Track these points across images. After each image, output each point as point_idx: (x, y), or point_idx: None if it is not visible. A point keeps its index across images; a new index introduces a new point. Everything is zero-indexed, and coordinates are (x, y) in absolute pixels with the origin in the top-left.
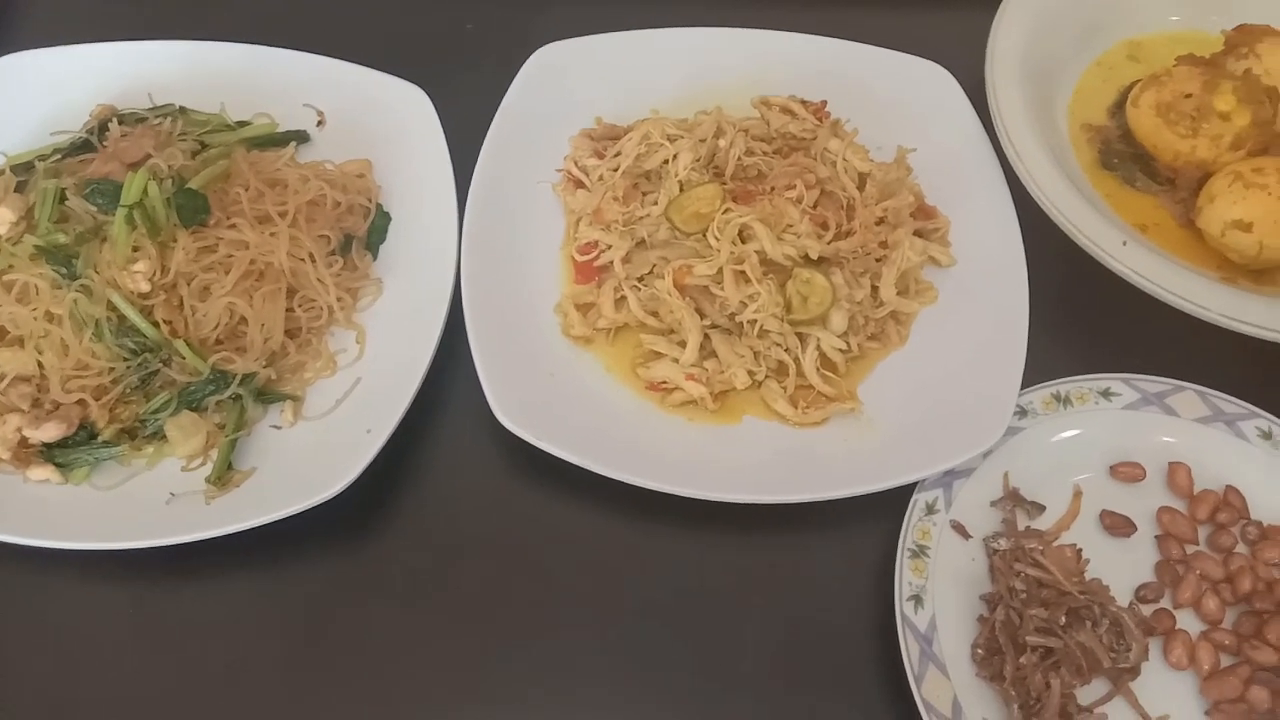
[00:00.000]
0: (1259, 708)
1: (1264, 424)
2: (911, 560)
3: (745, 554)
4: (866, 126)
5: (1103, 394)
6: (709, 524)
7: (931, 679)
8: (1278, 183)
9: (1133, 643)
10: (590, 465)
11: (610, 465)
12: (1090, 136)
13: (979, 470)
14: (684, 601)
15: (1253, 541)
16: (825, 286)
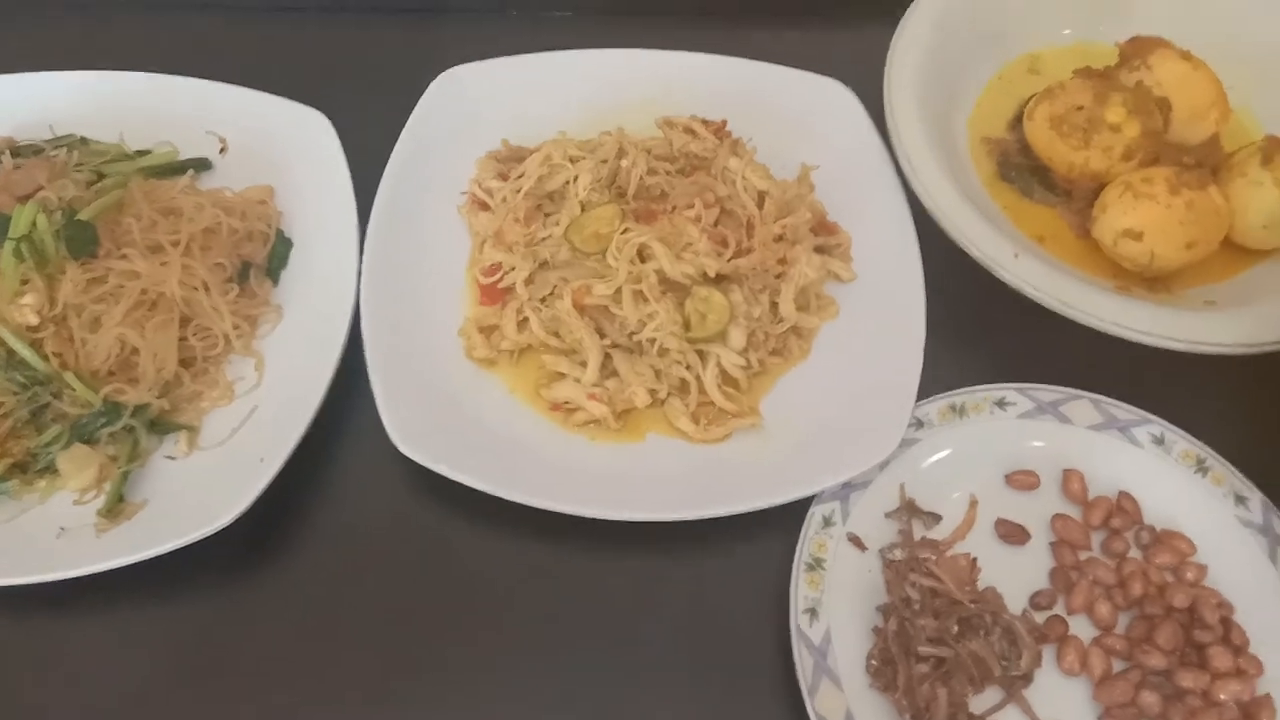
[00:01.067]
0: (1149, 711)
1: (1156, 429)
2: (807, 573)
3: (648, 571)
4: (770, 144)
5: (998, 404)
6: (612, 541)
7: (825, 691)
8: (1166, 192)
9: (1024, 650)
10: (489, 488)
11: (510, 488)
12: (990, 149)
13: (876, 482)
14: (587, 619)
15: (1145, 546)
16: (723, 304)
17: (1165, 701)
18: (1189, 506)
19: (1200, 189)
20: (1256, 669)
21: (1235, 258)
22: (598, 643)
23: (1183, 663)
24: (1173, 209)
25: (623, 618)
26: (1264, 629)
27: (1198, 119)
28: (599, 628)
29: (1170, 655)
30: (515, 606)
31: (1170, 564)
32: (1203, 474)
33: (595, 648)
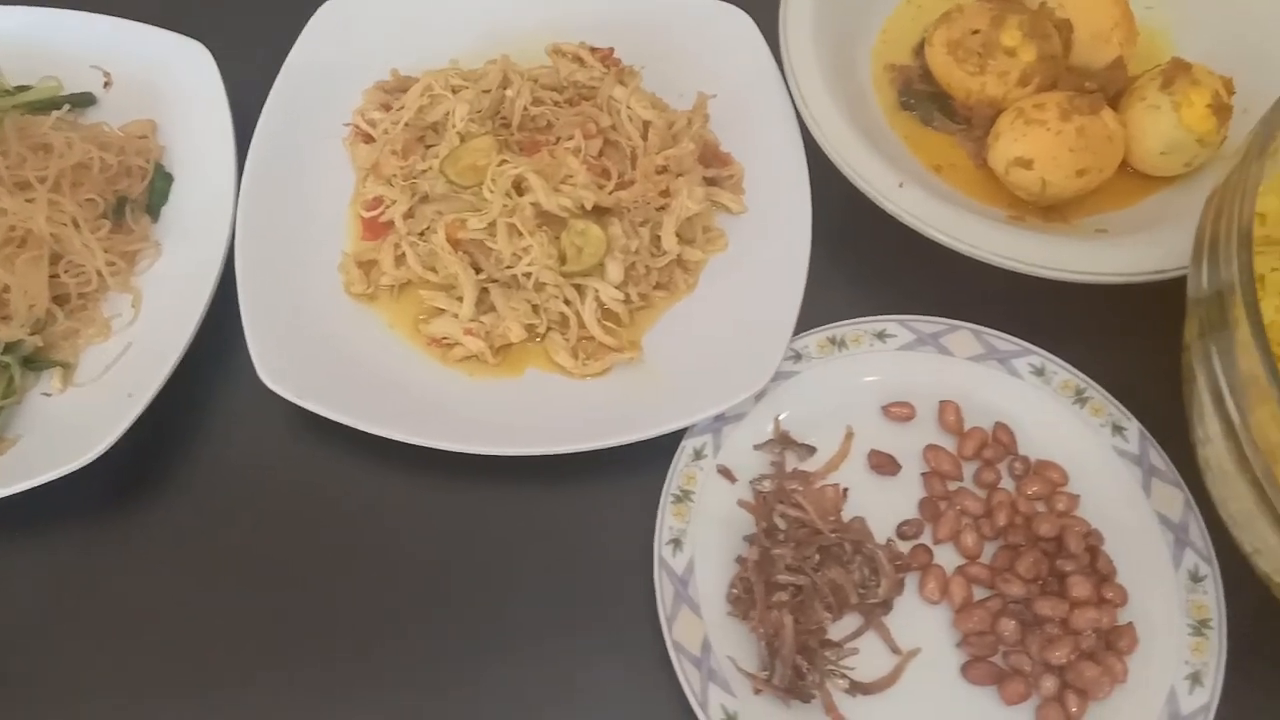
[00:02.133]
0: (1007, 639)
1: (1037, 360)
2: (674, 505)
3: (525, 505)
4: (667, 73)
5: (878, 336)
6: (489, 476)
7: (684, 619)
8: (1058, 118)
9: (883, 578)
10: (357, 424)
11: (381, 423)
12: (893, 77)
13: (750, 415)
14: (461, 553)
15: (1018, 477)
16: (600, 237)
17: (1023, 629)
18: (1066, 437)
19: (1092, 114)
20: (1120, 598)
21: (1137, 185)
22: (472, 576)
23: (1044, 591)
24: (1063, 135)
25: (498, 552)
26: (1134, 558)
27: (1100, 42)
28: (473, 561)
29: (1031, 584)
30: (391, 542)
31: (1041, 494)
32: (1081, 404)
33: (469, 581)
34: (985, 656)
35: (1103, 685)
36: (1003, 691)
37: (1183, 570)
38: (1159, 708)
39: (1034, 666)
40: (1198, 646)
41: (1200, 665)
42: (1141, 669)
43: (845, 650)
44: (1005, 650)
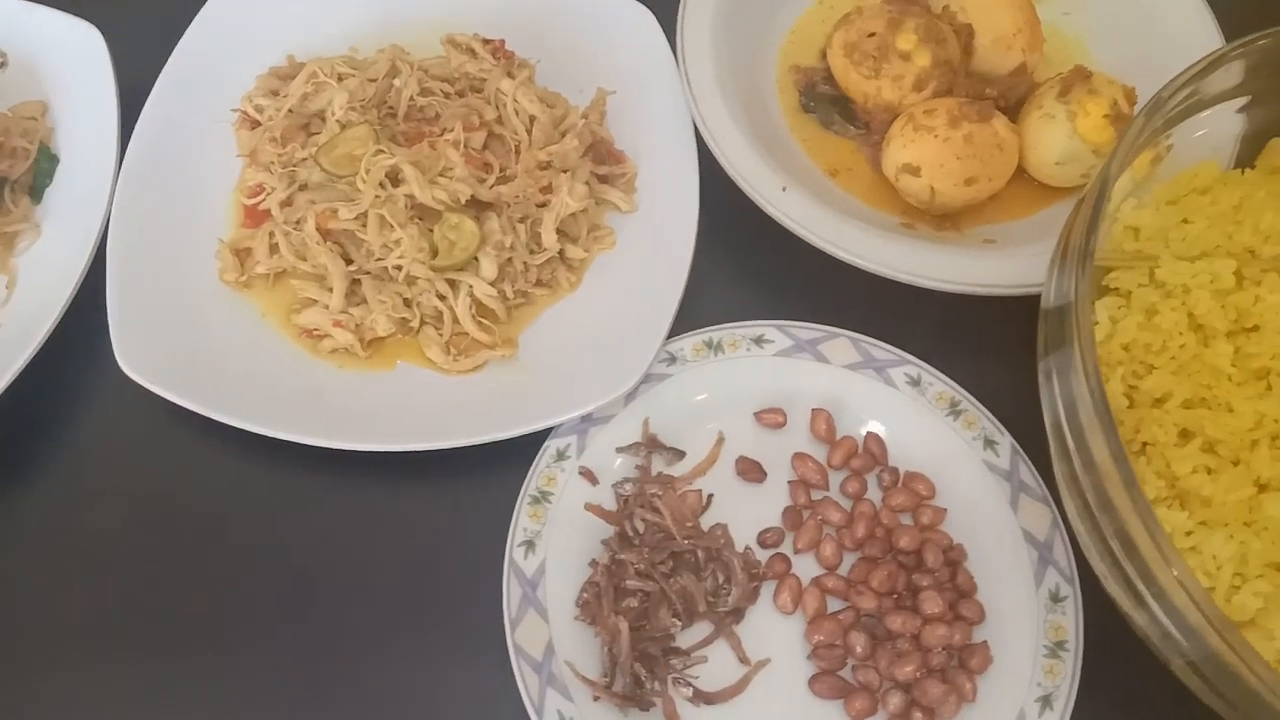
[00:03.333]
0: (856, 652)
1: (913, 370)
2: (531, 506)
3: (384, 501)
4: (567, 68)
5: (755, 341)
6: (352, 471)
7: (528, 623)
8: (946, 125)
9: (735, 587)
10: (209, 413)
11: (237, 414)
12: (797, 79)
13: (619, 417)
14: (319, 550)
15: (886, 488)
16: (473, 232)
17: (874, 643)
18: (938, 449)
19: (982, 121)
20: (978, 615)
21: (1036, 195)
22: (324, 572)
23: (897, 606)
24: (950, 142)
25: (353, 548)
26: (996, 575)
27: (1002, 48)
28: (327, 557)
29: (884, 597)
30: (247, 535)
31: (907, 506)
32: (955, 417)
33: (321, 577)
34: (834, 670)
35: (949, 704)
36: (848, 706)
37: (1044, 589)
38: None
39: (882, 682)
40: (1052, 669)
41: (1052, 688)
42: (993, 689)
43: (693, 658)
44: (854, 664)
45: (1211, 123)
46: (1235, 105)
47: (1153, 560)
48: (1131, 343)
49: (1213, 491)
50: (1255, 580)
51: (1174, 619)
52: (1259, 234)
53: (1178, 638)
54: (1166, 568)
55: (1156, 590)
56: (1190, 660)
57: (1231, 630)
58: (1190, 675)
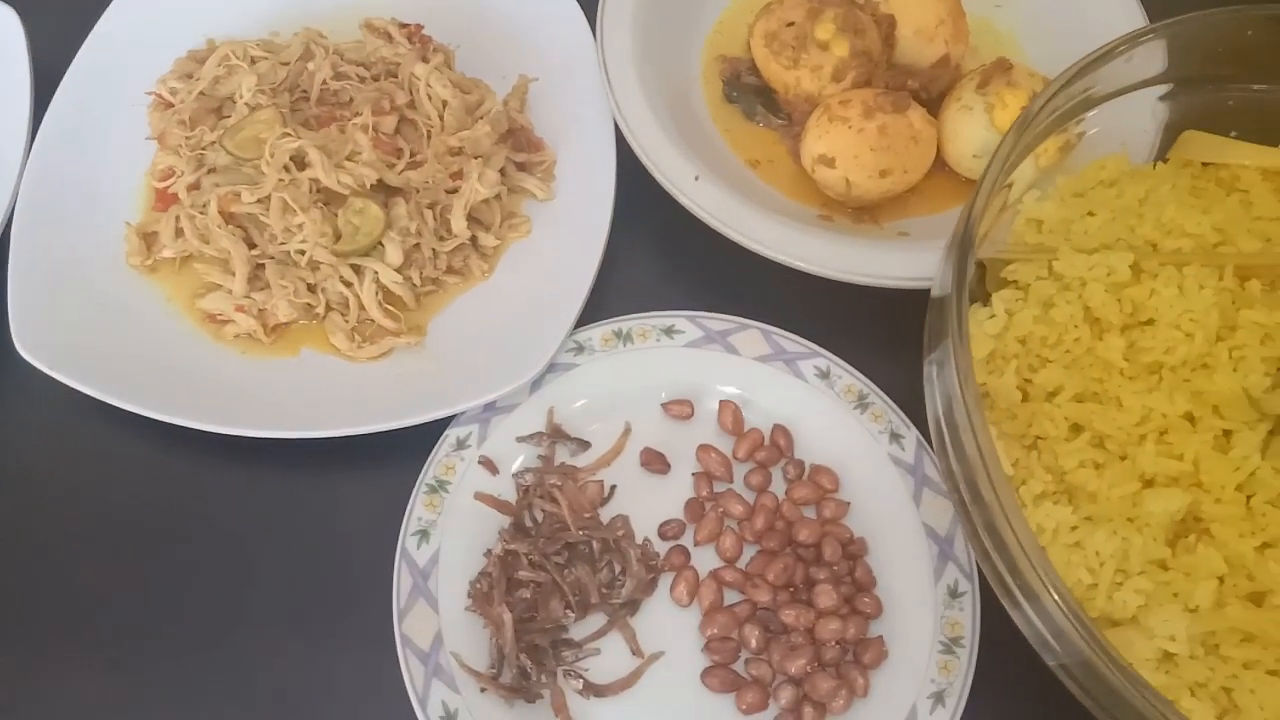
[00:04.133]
0: (750, 645)
1: (823, 363)
2: (427, 495)
3: (281, 488)
4: (490, 54)
5: (666, 331)
6: (250, 457)
7: (417, 613)
8: (861, 116)
9: (629, 579)
10: (103, 396)
11: (132, 398)
12: (723, 69)
13: (523, 406)
14: (209, 534)
15: (791, 481)
16: (378, 216)
17: (768, 636)
18: (844, 442)
19: (897, 113)
20: (875, 610)
21: (958, 188)
22: (219, 563)
23: (793, 599)
24: (865, 134)
25: (248, 535)
26: (896, 570)
27: (924, 39)
28: (223, 547)
29: (780, 590)
30: (142, 520)
31: (810, 499)
32: (863, 410)
33: (215, 563)
34: (727, 663)
35: (840, 699)
36: (739, 700)
37: (943, 585)
38: None
39: (775, 676)
40: (946, 665)
41: (946, 684)
42: (886, 684)
43: (586, 650)
44: (748, 658)
45: (1131, 111)
46: (1156, 93)
47: (1019, 559)
48: (1027, 336)
49: (1098, 487)
50: (1137, 577)
51: (1044, 620)
52: (1160, 227)
53: (1047, 637)
54: (1031, 567)
55: (1025, 589)
56: (1062, 663)
57: (1089, 629)
58: (1063, 675)
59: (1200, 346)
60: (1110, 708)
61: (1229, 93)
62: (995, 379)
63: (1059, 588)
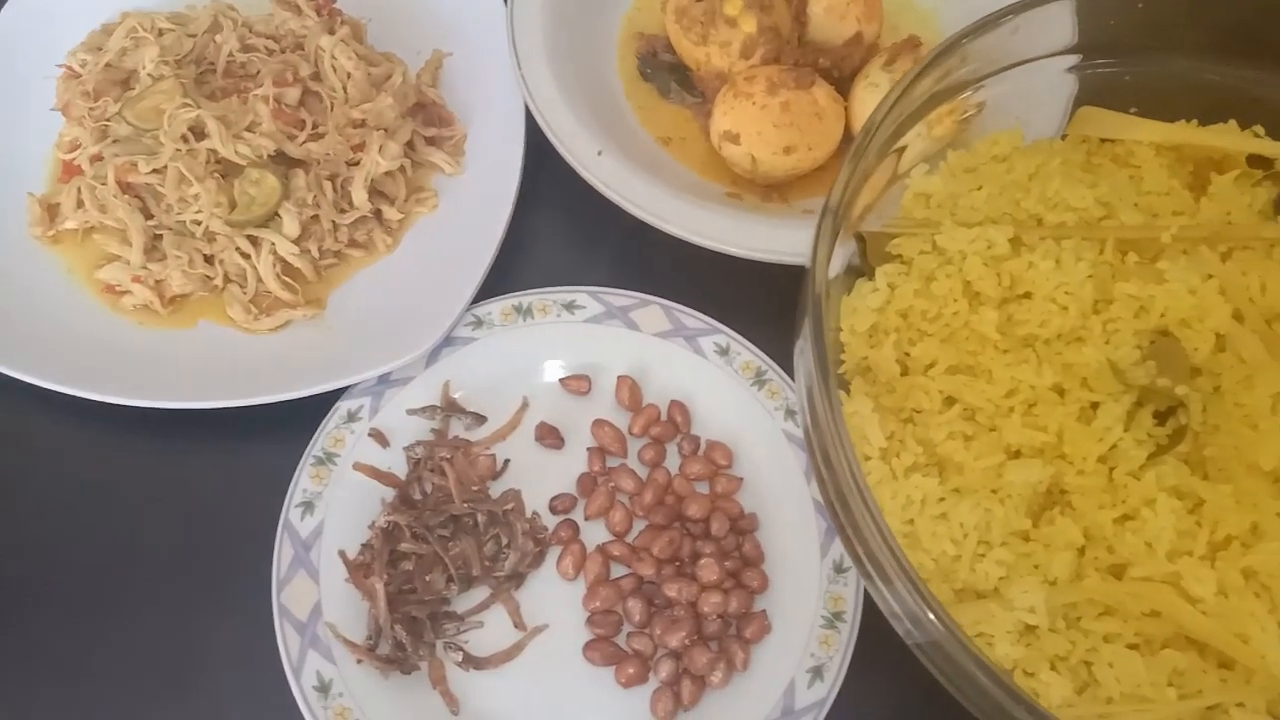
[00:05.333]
0: (633, 619)
1: (722, 339)
2: (314, 467)
3: (174, 461)
4: (405, 30)
5: (566, 306)
6: (147, 429)
7: (297, 584)
8: (764, 92)
9: (513, 552)
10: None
11: (26, 368)
12: (639, 46)
13: (418, 380)
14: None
15: (685, 456)
16: (274, 187)
17: (651, 610)
18: (741, 418)
19: (800, 89)
20: (761, 584)
21: None
22: (105, 533)
23: (678, 573)
24: (768, 110)
25: (142, 506)
26: (784, 545)
27: (835, 17)
28: (112, 517)
29: (665, 564)
30: (31, 492)
31: (702, 475)
32: (760, 386)
33: (102, 538)
34: (609, 636)
35: (718, 672)
36: (619, 673)
37: (829, 560)
38: (775, 699)
39: (656, 649)
40: (827, 639)
41: (825, 659)
42: (768, 658)
43: (468, 623)
44: (631, 631)
45: (1038, 83)
46: (1063, 65)
47: (872, 540)
48: (908, 309)
49: (965, 459)
50: (999, 548)
51: (898, 601)
52: (1045, 202)
53: (901, 617)
54: (885, 548)
55: (880, 571)
56: (917, 643)
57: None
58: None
59: (1074, 319)
60: (965, 691)
61: (1133, 67)
62: (876, 352)
63: (908, 572)
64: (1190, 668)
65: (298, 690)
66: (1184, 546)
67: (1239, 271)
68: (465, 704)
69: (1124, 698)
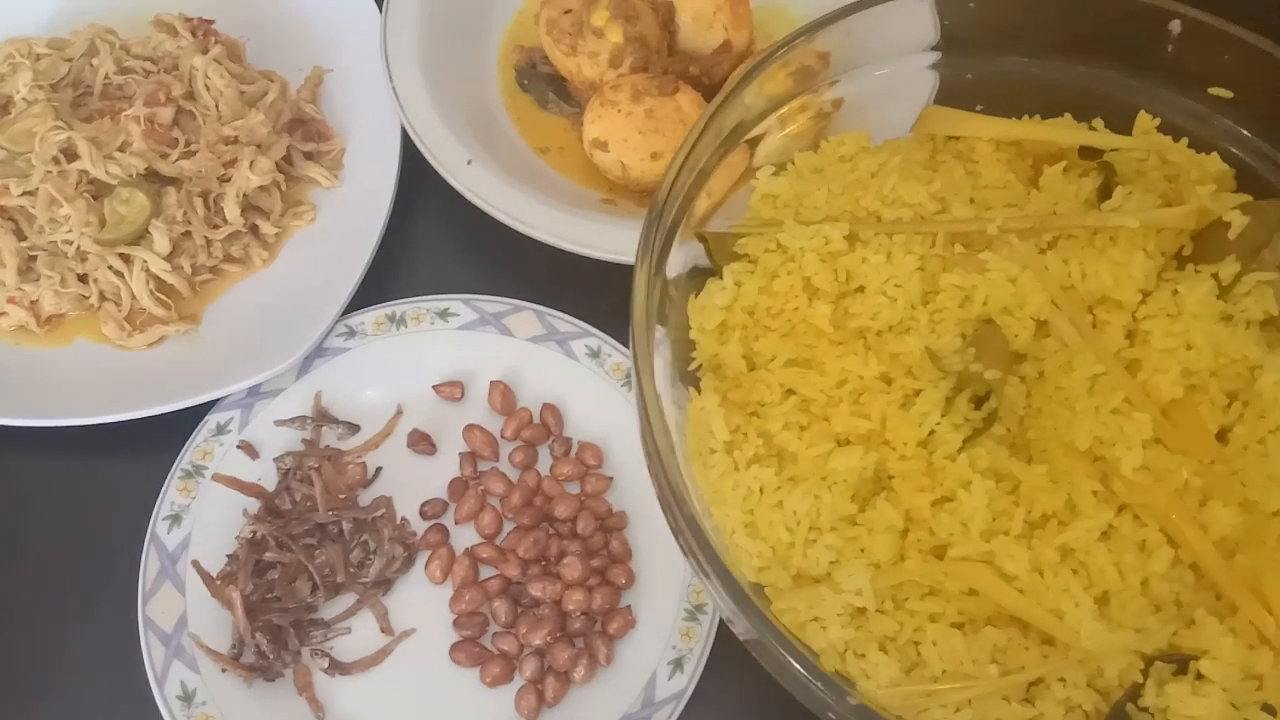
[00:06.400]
0: (498, 619)
1: (594, 342)
2: (182, 481)
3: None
4: (289, 48)
5: (440, 314)
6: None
7: (163, 595)
8: (629, 100)
9: (378, 558)
10: None
11: None
12: (518, 58)
13: (289, 391)
14: None
15: (556, 458)
16: (143, 204)
17: (518, 610)
18: (612, 419)
19: (664, 96)
20: (627, 581)
21: (747, 173)
22: None
23: (545, 573)
24: (633, 117)
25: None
26: (652, 542)
27: (702, 25)
28: None
29: (531, 564)
30: None
31: (573, 475)
32: (630, 387)
33: None
34: (475, 638)
35: (580, 668)
36: (484, 674)
37: None
38: (637, 691)
39: (522, 649)
40: (688, 631)
41: (686, 651)
42: (631, 652)
43: (335, 630)
44: (497, 632)
45: (900, 80)
46: (924, 62)
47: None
48: (754, 306)
49: (798, 448)
50: (828, 534)
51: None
52: (882, 199)
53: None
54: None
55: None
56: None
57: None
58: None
59: (902, 311)
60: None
61: (984, 66)
62: (724, 349)
63: (719, 568)
64: (1011, 644)
65: (161, 700)
66: (1000, 526)
67: (1061, 259)
68: (331, 709)
69: (948, 675)
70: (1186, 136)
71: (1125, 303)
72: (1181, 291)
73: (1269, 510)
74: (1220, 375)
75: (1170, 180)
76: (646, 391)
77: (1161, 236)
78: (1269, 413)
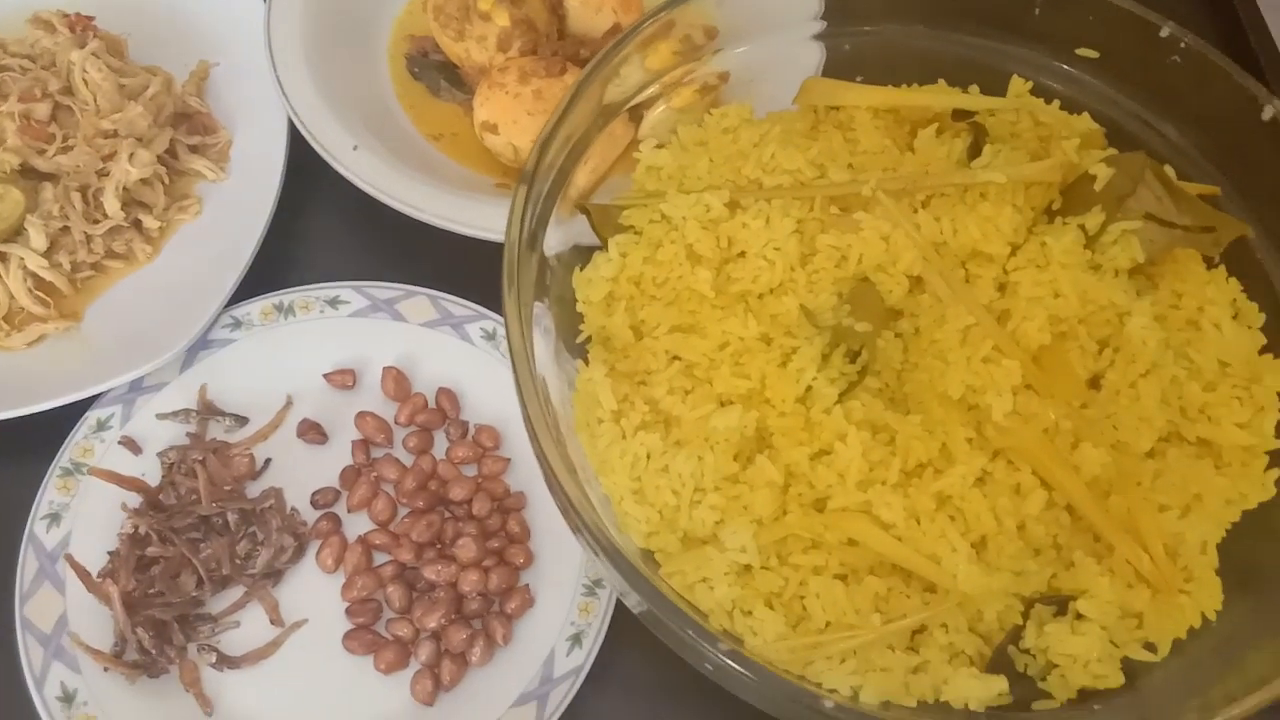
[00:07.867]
0: (392, 605)
1: (489, 325)
2: (61, 479)
3: None
4: (174, 43)
5: (330, 302)
6: None
7: (41, 596)
8: (516, 81)
9: (264, 549)
10: None
11: None
12: (410, 47)
13: (173, 385)
14: None
15: (453, 441)
16: (17, 200)
17: (413, 594)
18: (508, 401)
19: (551, 77)
20: (526, 560)
21: None
22: None
23: (440, 556)
24: (520, 98)
25: None
26: (551, 521)
27: (591, 9)
28: None
29: (426, 548)
30: None
31: (469, 458)
32: None
33: None
34: (368, 625)
35: (476, 649)
36: (378, 660)
37: None
38: (535, 669)
39: (418, 633)
40: (586, 606)
41: (584, 626)
42: (530, 631)
43: (224, 623)
44: (391, 618)
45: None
46: (809, 31)
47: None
48: (640, 276)
49: (682, 411)
50: (712, 494)
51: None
52: (762, 167)
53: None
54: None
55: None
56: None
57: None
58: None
59: (781, 273)
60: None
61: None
62: (611, 320)
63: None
64: (893, 593)
65: (40, 701)
66: (877, 476)
67: (933, 217)
68: (220, 704)
69: (832, 627)
70: (1059, 99)
71: (995, 256)
72: (1049, 242)
73: (1140, 451)
74: (1089, 322)
75: (1043, 141)
76: (520, 370)
77: (1031, 192)
78: (1138, 357)
